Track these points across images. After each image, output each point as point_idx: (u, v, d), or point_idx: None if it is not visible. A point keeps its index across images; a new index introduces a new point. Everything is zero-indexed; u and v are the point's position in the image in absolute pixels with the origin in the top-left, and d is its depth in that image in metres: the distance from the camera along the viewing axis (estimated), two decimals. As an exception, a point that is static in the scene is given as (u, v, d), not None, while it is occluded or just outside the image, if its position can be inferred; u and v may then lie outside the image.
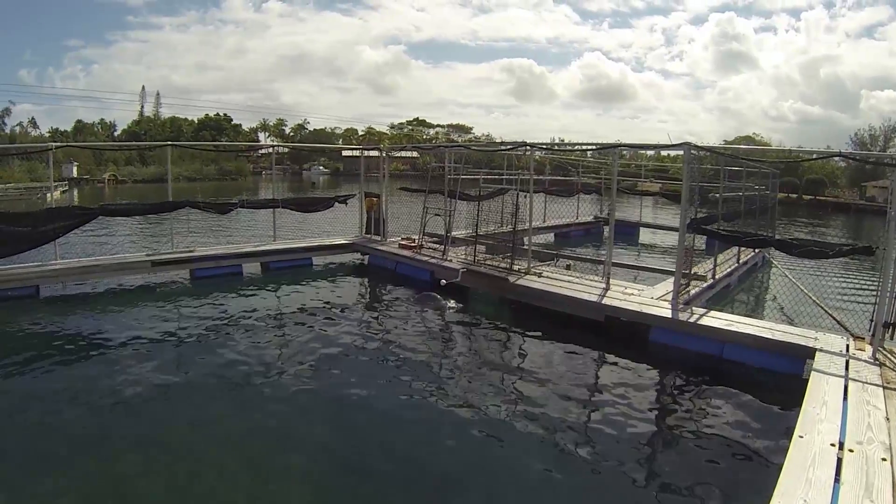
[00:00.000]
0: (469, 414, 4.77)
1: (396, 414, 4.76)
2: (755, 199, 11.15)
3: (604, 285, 7.58)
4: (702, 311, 6.60)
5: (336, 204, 11.45)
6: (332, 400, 5.03)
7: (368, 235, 11.48)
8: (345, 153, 66.46)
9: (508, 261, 8.62)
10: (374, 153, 14.44)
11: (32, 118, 68.91)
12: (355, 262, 11.21)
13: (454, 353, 6.49)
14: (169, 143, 14.52)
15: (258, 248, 10.32)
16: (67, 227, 8.95)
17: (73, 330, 7.19)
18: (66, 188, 36.56)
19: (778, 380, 5.43)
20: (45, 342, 6.66)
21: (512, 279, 8.00)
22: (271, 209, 10.69)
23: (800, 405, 4.00)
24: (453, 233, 9.86)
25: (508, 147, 11.07)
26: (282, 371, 5.66)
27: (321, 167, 73.34)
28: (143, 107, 79.15)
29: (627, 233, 15.65)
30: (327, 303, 8.41)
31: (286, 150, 72.10)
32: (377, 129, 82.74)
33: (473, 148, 14.07)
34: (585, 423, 4.73)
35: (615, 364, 6.00)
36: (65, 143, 36.92)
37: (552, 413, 4.76)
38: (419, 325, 7.29)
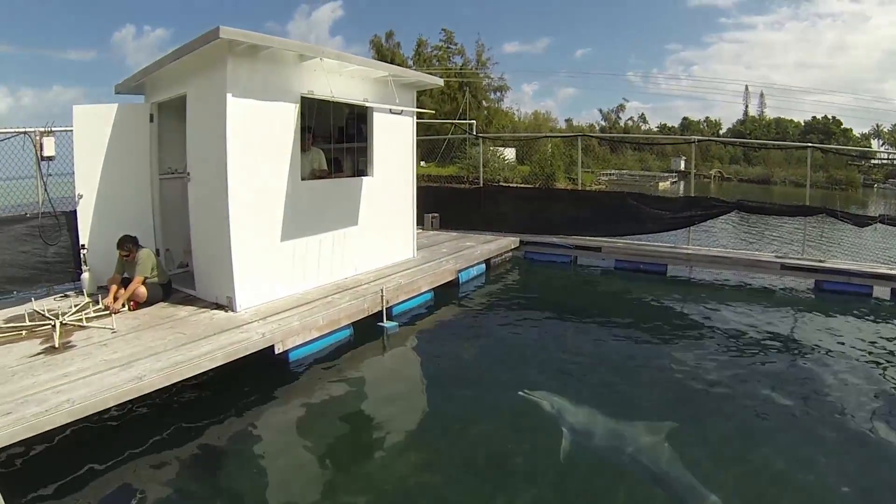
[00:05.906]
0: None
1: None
2: None
3: None
4: None
5: None
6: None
7: None
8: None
9: None
10: None
11: (642, 114, 75.77)
12: None
13: None
14: (808, 144, 12.86)
15: (893, 272, 9.14)
16: (703, 217, 9.63)
17: (691, 312, 7.82)
18: (675, 180, 40.43)
19: None
20: (665, 317, 7.60)
21: None
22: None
23: None
24: None
25: None
26: (834, 415, 4.91)
27: (938, 185, 63.91)
28: (746, 106, 77.76)
29: None
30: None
31: (903, 161, 57.96)
32: None
33: None
34: None
35: None
36: (706, 138, 44.11)
37: None
38: None
